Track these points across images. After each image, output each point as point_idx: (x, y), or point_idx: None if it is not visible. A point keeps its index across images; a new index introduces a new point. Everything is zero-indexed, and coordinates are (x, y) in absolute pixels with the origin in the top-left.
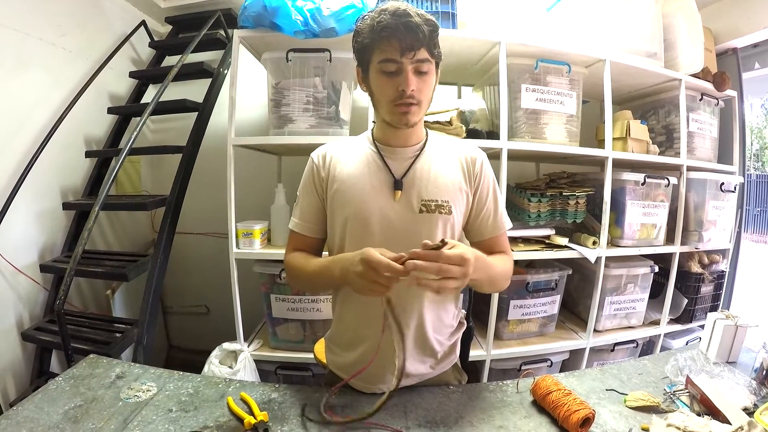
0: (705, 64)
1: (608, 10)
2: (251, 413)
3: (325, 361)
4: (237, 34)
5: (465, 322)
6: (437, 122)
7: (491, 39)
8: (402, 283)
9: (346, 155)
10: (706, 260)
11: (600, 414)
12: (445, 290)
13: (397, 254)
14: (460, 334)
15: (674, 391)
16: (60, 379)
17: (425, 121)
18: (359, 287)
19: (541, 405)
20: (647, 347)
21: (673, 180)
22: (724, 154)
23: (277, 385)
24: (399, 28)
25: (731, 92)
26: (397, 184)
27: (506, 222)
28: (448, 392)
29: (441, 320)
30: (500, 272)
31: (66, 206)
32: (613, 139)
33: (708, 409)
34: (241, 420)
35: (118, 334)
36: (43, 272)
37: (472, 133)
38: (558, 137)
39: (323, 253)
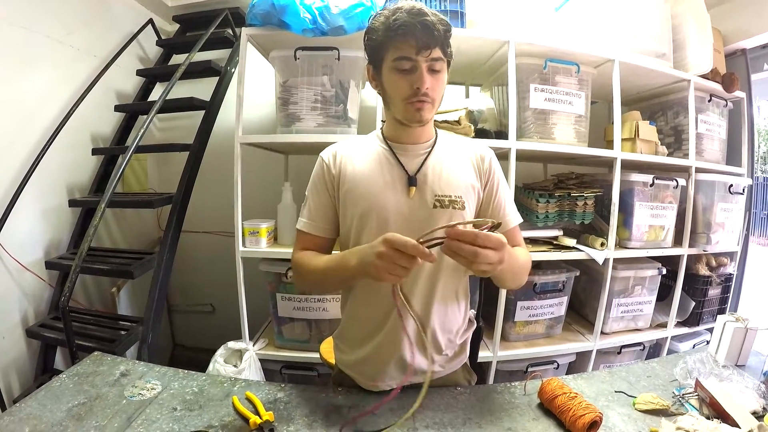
0: (714, 65)
1: (617, 10)
2: (257, 413)
3: (331, 360)
4: (245, 32)
5: (475, 322)
6: (446, 122)
7: (500, 38)
8: (411, 279)
9: (357, 154)
10: (713, 263)
11: (609, 417)
12: (476, 270)
13: (416, 238)
14: (470, 334)
15: (683, 394)
16: (64, 376)
17: (434, 120)
18: (378, 269)
19: (549, 409)
20: (654, 350)
21: (682, 181)
22: (732, 156)
23: (282, 385)
24: (416, 27)
25: (740, 93)
26: (411, 180)
27: (516, 217)
28: (455, 393)
29: (451, 318)
30: (522, 265)
31: (72, 203)
32: (622, 139)
33: (717, 412)
34: (246, 419)
35: (123, 332)
36: (49, 269)
37: (480, 133)
38: (567, 137)
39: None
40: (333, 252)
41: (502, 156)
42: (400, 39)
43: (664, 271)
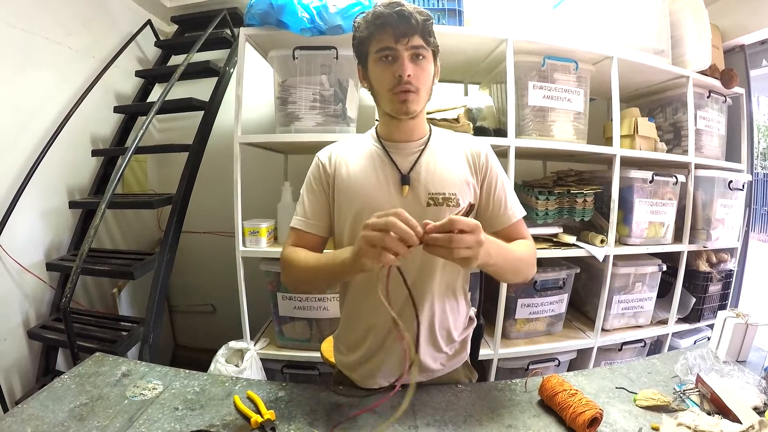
0: (712, 61)
1: (615, 7)
2: (258, 412)
3: (332, 359)
4: (243, 32)
5: (475, 319)
6: (444, 119)
7: (498, 36)
8: (410, 276)
9: (351, 154)
10: (714, 259)
11: (609, 413)
12: (458, 259)
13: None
14: (470, 331)
15: (684, 390)
16: (66, 377)
17: (432, 119)
18: (363, 251)
19: (549, 405)
20: (655, 347)
21: (681, 178)
22: (731, 152)
23: (284, 384)
24: (392, 17)
25: (739, 89)
26: (404, 179)
27: (519, 210)
28: (456, 391)
29: (451, 315)
30: (521, 257)
31: (72, 205)
32: (621, 136)
33: (718, 408)
34: (247, 418)
35: (124, 333)
36: (50, 270)
37: (479, 131)
38: (566, 135)
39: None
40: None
41: (501, 154)
42: (379, 31)
43: (665, 268)
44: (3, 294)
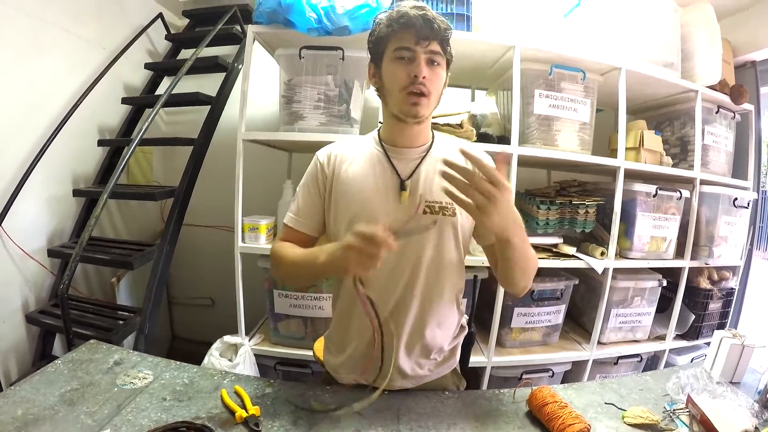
0: (722, 76)
1: (626, 18)
2: (244, 407)
3: (323, 359)
4: (251, 29)
5: (467, 327)
6: (448, 125)
7: (506, 43)
8: (400, 281)
9: (352, 155)
10: (715, 276)
11: (596, 429)
12: (472, 208)
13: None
14: (461, 339)
15: (674, 410)
16: (59, 362)
17: (435, 123)
18: (347, 260)
19: (536, 416)
20: (651, 362)
21: (686, 193)
22: (738, 169)
23: (272, 381)
24: (417, 18)
25: (748, 106)
26: (403, 185)
27: None
28: (443, 397)
29: (441, 322)
30: (532, 257)
31: (76, 193)
32: (626, 149)
33: (707, 430)
34: (232, 413)
35: (120, 322)
36: (51, 257)
37: (482, 137)
38: (570, 145)
39: None
40: None
41: None
42: (401, 30)
43: (665, 283)
44: (4, 278)
